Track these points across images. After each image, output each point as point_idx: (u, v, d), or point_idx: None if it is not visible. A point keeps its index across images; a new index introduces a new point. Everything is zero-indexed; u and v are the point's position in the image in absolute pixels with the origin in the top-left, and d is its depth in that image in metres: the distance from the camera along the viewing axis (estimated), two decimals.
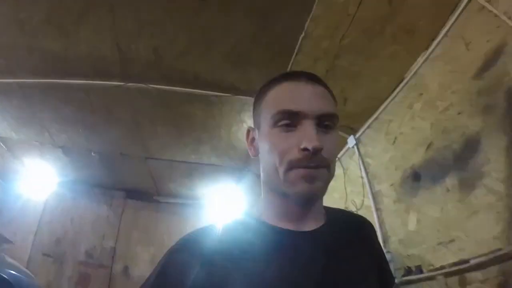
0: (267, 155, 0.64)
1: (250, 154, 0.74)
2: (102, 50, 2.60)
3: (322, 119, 0.62)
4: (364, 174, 2.80)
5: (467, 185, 1.85)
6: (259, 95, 0.71)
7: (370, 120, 2.83)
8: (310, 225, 0.66)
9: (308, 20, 2.37)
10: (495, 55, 1.83)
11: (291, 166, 0.60)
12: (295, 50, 2.56)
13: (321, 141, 0.59)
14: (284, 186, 0.62)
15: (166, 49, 2.60)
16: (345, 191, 3.02)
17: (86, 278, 3.80)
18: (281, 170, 0.61)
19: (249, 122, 3.32)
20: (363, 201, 2.75)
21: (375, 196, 2.63)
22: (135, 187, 4.44)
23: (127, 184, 4.40)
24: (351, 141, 3.02)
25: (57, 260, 3.86)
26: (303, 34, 2.45)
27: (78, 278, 3.81)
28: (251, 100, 3.02)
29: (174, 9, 2.37)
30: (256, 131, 0.71)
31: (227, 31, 2.46)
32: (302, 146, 0.58)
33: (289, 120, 0.62)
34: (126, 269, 4.01)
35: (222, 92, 2.93)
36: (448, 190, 1.97)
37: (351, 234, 0.70)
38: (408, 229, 2.29)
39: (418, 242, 2.17)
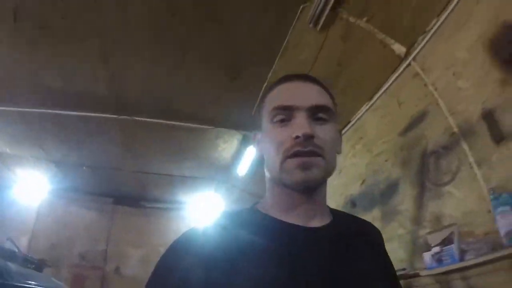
0: (268, 149, 0.66)
1: (256, 156, 0.75)
2: (97, 92, 2.93)
3: (315, 111, 0.64)
4: None
5: (386, 218, 2.35)
6: (260, 101, 0.73)
7: None
8: (317, 222, 0.65)
9: (270, 72, 2.77)
10: (418, 119, 2.23)
11: (286, 155, 0.61)
12: (260, 96, 2.97)
13: (314, 130, 0.61)
14: (282, 177, 0.62)
15: (154, 92, 2.98)
16: None
17: (81, 279, 4.10)
18: (278, 161, 0.62)
19: (224, 146, 3.74)
20: None
21: None
22: (123, 194, 4.76)
23: (115, 192, 4.71)
24: None
25: (53, 264, 4.02)
26: (266, 83, 2.84)
27: (74, 279, 4.10)
28: (224, 130, 3.46)
29: (160, 60, 2.71)
30: (260, 133, 0.72)
31: (204, 81, 2.84)
32: (293, 135, 0.60)
33: (284, 115, 0.63)
34: (117, 269, 4.34)
35: (202, 124, 3.33)
36: (373, 219, 2.46)
37: (358, 235, 0.69)
38: None
39: None
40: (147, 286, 0.55)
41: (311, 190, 0.64)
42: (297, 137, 0.60)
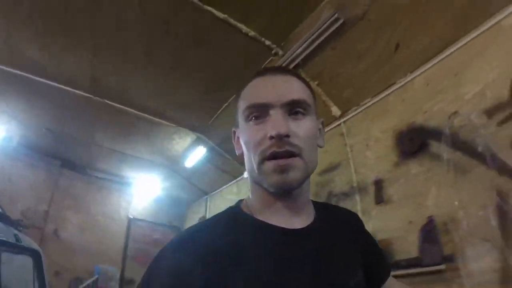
0: (245, 149, 0.62)
1: (236, 153, 0.68)
2: (78, 74, 3.06)
3: (292, 106, 0.59)
4: None
5: None
6: (236, 97, 0.68)
7: None
8: (301, 222, 0.62)
9: (236, 96, 3.20)
10: (334, 167, 2.81)
11: (263, 157, 0.57)
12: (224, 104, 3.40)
13: (290, 127, 0.57)
14: (261, 179, 0.59)
15: (133, 88, 3.22)
16: None
17: None
18: (256, 163, 0.58)
19: (179, 141, 4.08)
20: None
21: None
22: (72, 159, 4.75)
23: (65, 155, 4.66)
24: None
25: None
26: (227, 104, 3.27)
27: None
28: (183, 129, 3.87)
29: (149, 67, 2.95)
30: (238, 130, 0.67)
31: (181, 89, 3.16)
32: (268, 135, 0.56)
33: (258, 113, 0.59)
34: (56, 231, 4.34)
35: (165, 120, 3.67)
36: None
37: (339, 228, 0.68)
38: None
39: None
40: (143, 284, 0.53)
41: (290, 191, 0.60)
42: (271, 137, 0.56)
